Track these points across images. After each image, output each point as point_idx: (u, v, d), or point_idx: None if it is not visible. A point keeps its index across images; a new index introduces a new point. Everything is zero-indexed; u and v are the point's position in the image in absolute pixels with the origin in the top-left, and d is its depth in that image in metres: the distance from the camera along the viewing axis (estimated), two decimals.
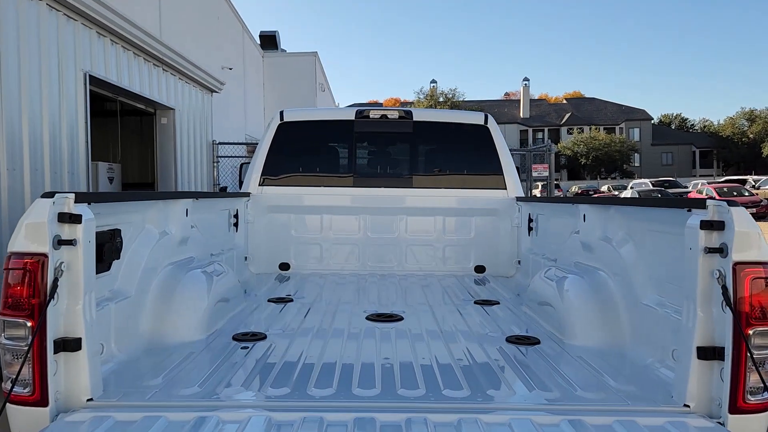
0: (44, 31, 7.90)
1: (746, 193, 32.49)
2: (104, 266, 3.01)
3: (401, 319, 4.18)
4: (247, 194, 6.33)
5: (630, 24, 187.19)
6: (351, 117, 6.54)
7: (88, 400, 2.56)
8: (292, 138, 6.60)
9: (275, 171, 6.50)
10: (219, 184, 16.97)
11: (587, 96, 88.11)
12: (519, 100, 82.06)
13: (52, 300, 2.46)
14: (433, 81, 77.02)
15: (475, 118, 6.60)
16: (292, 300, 4.85)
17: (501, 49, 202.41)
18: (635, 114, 78.04)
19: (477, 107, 65.66)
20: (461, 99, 74.53)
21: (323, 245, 6.44)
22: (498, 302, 4.84)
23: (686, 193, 36.43)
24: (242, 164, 7.65)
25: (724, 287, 2.49)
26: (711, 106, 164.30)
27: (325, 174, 6.56)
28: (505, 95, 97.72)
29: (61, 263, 2.51)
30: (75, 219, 2.50)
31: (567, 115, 78.44)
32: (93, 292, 2.61)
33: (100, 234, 2.96)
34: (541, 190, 23.89)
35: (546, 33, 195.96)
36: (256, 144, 7.44)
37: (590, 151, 68.41)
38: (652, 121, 79.85)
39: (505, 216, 6.35)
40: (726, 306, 2.48)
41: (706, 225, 2.56)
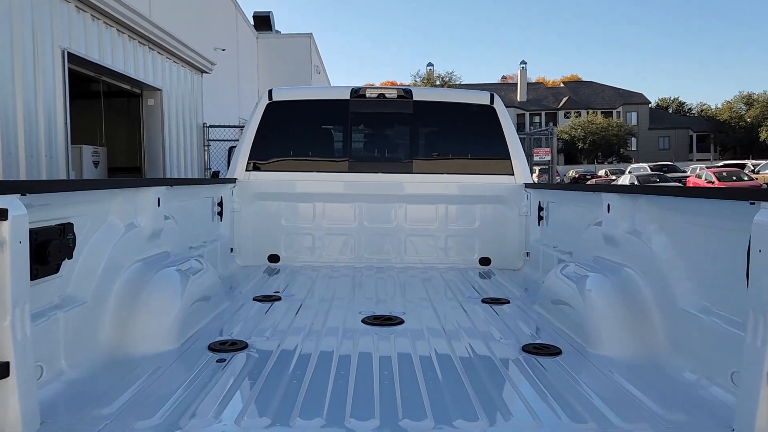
0: (16, 3, 7.33)
1: (745, 178, 32.15)
2: (50, 268, 2.54)
3: (401, 322, 3.72)
4: (233, 180, 5.84)
5: (628, 6, 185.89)
6: (346, 96, 6.03)
7: None
8: (282, 119, 6.10)
9: (263, 155, 6.00)
10: (210, 169, 16.42)
11: (585, 79, 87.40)
12: (516, 84, 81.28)
13: None
14: (430, 64, 76.27)
15: (481, 98, 6.11)
16: (280, 298, 4.38)
17: (498, 32, 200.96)
18: (633, 98, 77.47)
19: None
20: (458, 82, 73.74)
21: (316, 236, 5.96)
22: (507, 301, 4.38)
23: (685, 178, 36.06)
24: (231, 147, 7.16)
25: None
26: (709, 90, 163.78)
27: (318, 158, 6.07)
28: (502, 79, 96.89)
29: None
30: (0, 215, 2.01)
31: (564, 99, 77.79)
32: (27, 304, 2.14)
33: (45, 230, 2.48)
34: (539, 175, 23.40)
35: (544, 15, 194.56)
36: None
37: (587, 136, 67.92)
38: (650, 105, 79.33)
39: (513, 204, 5.88)
40: None
41: None
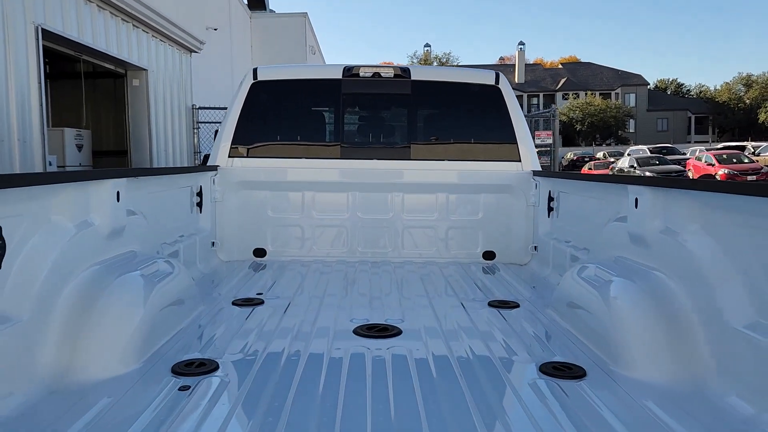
0: None
1: (746, 160, 31.71)
2: None
3: (399, 333, 3.25)
4: (214, 168, 5.34)
5: None
6: (338, 76, 5.52)
7: None
8: (268, 100, 5.59)
9: (248, 140, 5.50)
10: (200, 152, 15.87)
11: (583, 61, 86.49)
12: (514, 65, 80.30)
13: None
14: (427, 45, 75.33)
15: (485, 77, 5.60)
16: (263, 302, 3.91)
17: (496, 13, 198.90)
18: (631, 79, 76.70)
19: None
20: (455, 63, 72.89)
21: (305, 228, 5.48)
22: (517, 304, 3.92)
23: (684, 160, 35.60)
24: (217, 130, 6.65)
25: None
26: (707, 72, 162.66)
27: (308, 143, 5.57)
28: (500, 60, 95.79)
29: None
30: None
31: (562, 80, 76.97)
32: None
33: None
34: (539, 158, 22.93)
35: None
36: None
37: (585, 117, 67.31)
38: (648, 87, 78.62)
39: (520, 193, 5.40)
40: None
41: None
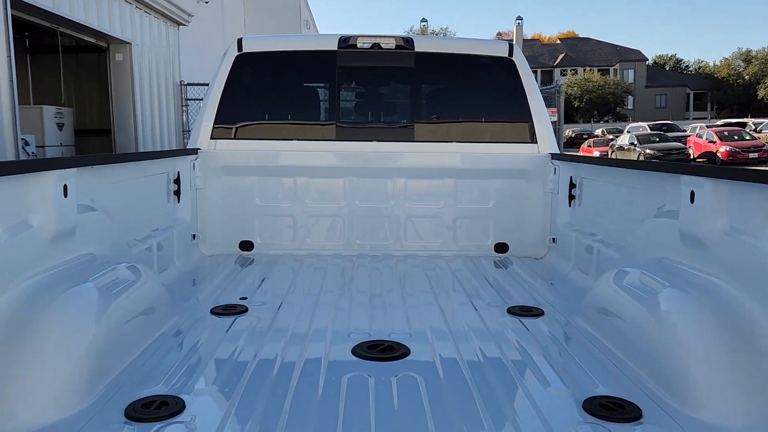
0: None
1: (747, 137, 31.17)
2: None
3: (406, 354, 2.71)
4: (194, 151, 4.76)
5: None
6: (333, 47, 4.92)
7: None
8: (254, 75, 5.00)
9: (232, 119, 4.91)
10: (189, 131, 15.23)
11: (581, 36, 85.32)
12: (511, 41, 79.20)
13: None
14: (424, 20, 73.66)
15: (497, 48, 5.02)
16: (246, 310, 3.36)
17: None
18: (630, 55, 75.70)
19: None
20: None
21: (297, 218, 4.92)
22: (541, 311, 3.39)
23: (685, 137, 35.02)
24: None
25: None
26: (707, 47, 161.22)
27: (299, 123, 4.99)
28: (498, 35, 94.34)
29: None
30: None
31: (561, 56, 75.91)
32: None
33: None
34: None
35: None
36: None
37: (584, 94, 66.52)
38: (647, 63, 77.67)
39: (536, 178, 4.84)
40: None
41: None
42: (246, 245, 4.90)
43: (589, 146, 36.46)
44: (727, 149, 28.77)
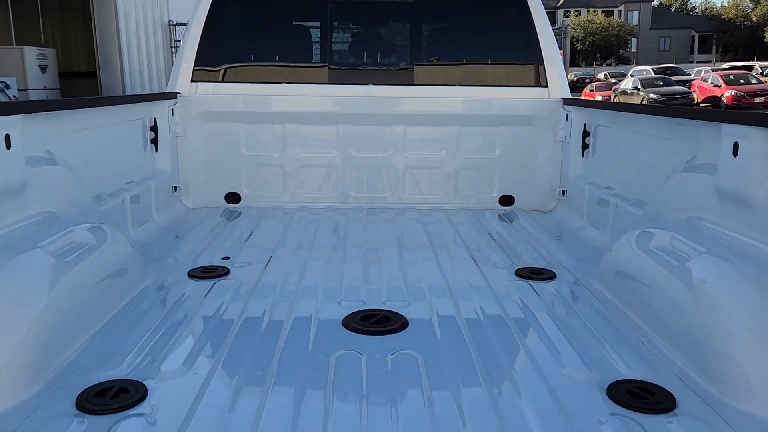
0: None
1: (753, 81, 30.46)
2: None
3: (404, 327, 2.41)
4: (173, 95, 4.35)
5: None
6: None
7: None
8: (238, 11, 4.56)
9: (214, 60, 4.49)
10: None
11: None
12: None
13: None
14: None
15: None
16: (227, 272, 3.04)
17: None
18: None
19: None
20: None
21: (287, 168, 4.56)
22: (553, 274, 3.07)
23: (690, 81, 34.24)
24: None
25: None
26: None
27: (288, 64, 4.57)
28: None
29: None
30: None
31: None
32: None
33: None
34: None
35: None
36: None
37: (587, 36, 64.99)
38: (653, 4, 75.62)
39: (546, 126, 4.46)
40: None
41: None
42: (232, 197, 4.56)
43: (592, 90, 35.68)
44: (732, 93, 28.10)
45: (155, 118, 4.10)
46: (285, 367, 2.05)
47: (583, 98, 5.49)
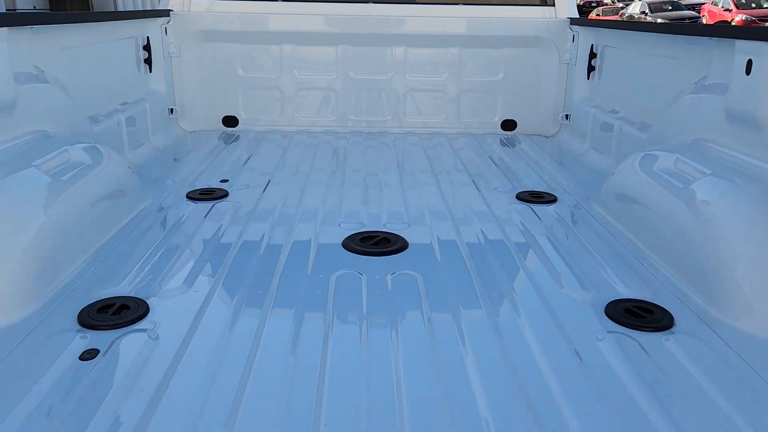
0: None
1: (765, 5, 29.54)
2: None
3: (404, 248, 2.40)
4: (166, 12, 4.20)
5: None
6: None
7: None
8: None
9: None
10: None
11: None
12: None
13: None
14: None
15: None
16: (226, 194, 3.02)
17: None
18: None
19: None
20: None
21: (284, 91, 4.46)
22: (554, 198, 3.05)
23: (699, 5, 33.22)
24: None
25: None
26: None
27: None
28: None
29: None
30: None
31: None
32: None
33: None
34: None
35: None
36: None
37: None
38: None
39: (551, 47, 4.33)
40: None
41: None
42: (230, 121, 4.48)
43: (598, 15, 34.69)
44: (744, 18, 27.31)
45: (148, 37, 3.97)
46: (285, 287, 2.05)
47: (590, 18, 5.28)
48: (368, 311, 1.89)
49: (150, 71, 4.04)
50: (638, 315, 1.89)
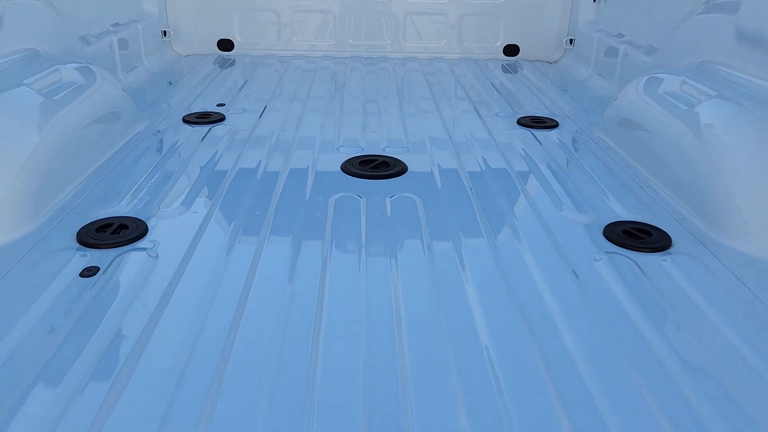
0: None
1: None
2: None
3: (403, 171, 2.38)
4: None
5: None
6: None
7: None
8: None
9: None
10: None
11: None
12: None
13: None
14: None
15: None
16: (223, 118, 2.97)
17: None
18: None
19: None
20: None
21: (281, 13, 4.33)
22: (555, 123, 3.01)
23: None
24: None
25: None
26: None
27: None
28: None
29: None
30: None
31: None
32: None
33: None
34: None
35: None
36: None
37: None
38: None
39: None
40: None
41: None
42: (225, 44, 4.37)
43: None
44: None
45: None
46: (283, 209, 2.04)
47: None
48: (367, 233, 1.89)
49: None
50: (636, 236, 1.89)
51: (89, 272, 1.65)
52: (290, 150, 2.60)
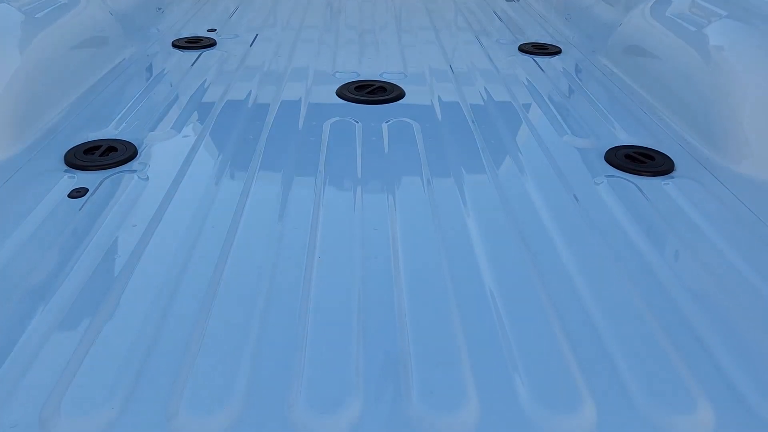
0: None
1: None
2: None
3: (400, 97, 2.31)
4: None
5: None
6: None
7: None
8: None
9: None
10: None
11: None
12: None
13: None
14: None
15: None
16: (215, 43, 2.88)
17: None
18: None
19: None
20: None
21: None
22: (558, 49, 2.92)
23: None
24: None
25: None
26: None
27: None
28: None
29: None
30: None
31: None
32: None
33: None
34: None
35: None
36: None
37: None
38: None
39: None
40: None
41: None
42: None
43: None
44: None
45: None
46: (278, 132, 1.99)
47: None
48: (363, 158, 1.84)
49: None
50: (638, 160, 1.85)
51: (78, 193, 1.61)
52: (285, 72, 2.53)
